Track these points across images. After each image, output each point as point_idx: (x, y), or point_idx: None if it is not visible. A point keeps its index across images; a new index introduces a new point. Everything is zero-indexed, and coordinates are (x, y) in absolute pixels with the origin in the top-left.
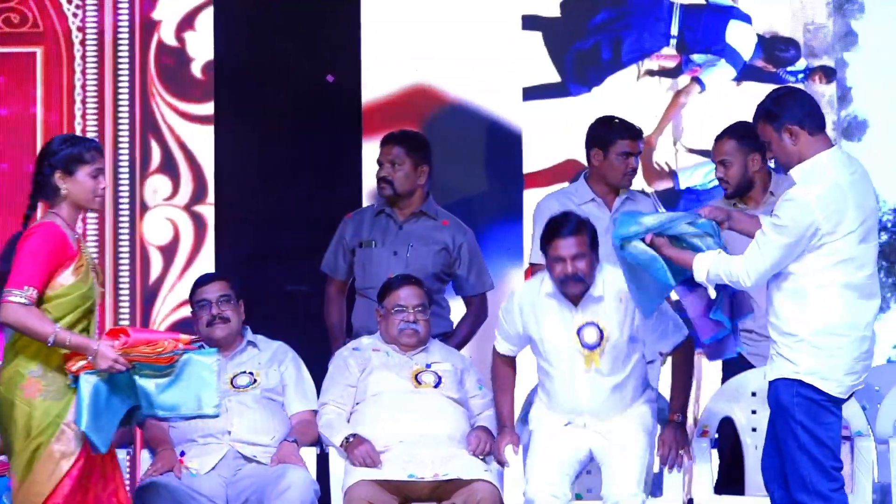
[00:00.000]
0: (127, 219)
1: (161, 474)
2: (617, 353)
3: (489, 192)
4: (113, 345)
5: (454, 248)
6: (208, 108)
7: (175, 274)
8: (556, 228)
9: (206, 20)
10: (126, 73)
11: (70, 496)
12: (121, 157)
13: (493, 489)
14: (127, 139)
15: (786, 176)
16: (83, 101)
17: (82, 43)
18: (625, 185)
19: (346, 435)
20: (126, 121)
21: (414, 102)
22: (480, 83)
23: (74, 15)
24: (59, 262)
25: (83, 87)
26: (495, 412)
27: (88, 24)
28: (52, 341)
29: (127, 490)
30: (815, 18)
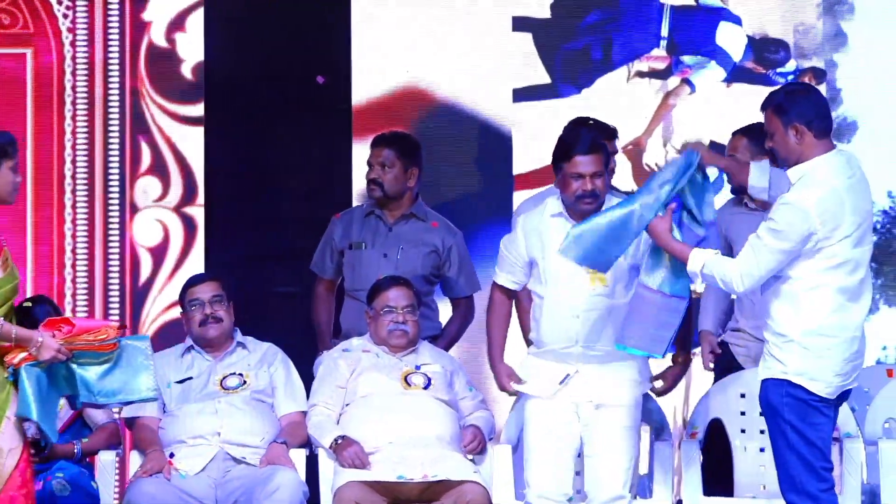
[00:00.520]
0: (117, 220)
1: (150, 475)
2: (619, 276)
3: (479, 193)
4: (54, 335)
5: (444, 249)
6: (198, 110)
7: (165, 275)
8: (574, 144)
9: (196, 21)
10: (116, 74)
11: (21, 488)
12: (111, 158)
13: (482, 490)
14: (117, 140)
15: (783, 173)
16: (73, 102)
17: (72, 44)
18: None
19: (335, 436)
20: (116, 122)
21: (404, 103)
22: (470, 84)
23: (65, 16)
24: None
25: (73, 87)
26: (488, 343)
27: (79, 26)
28: None
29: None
30: (805, 20)
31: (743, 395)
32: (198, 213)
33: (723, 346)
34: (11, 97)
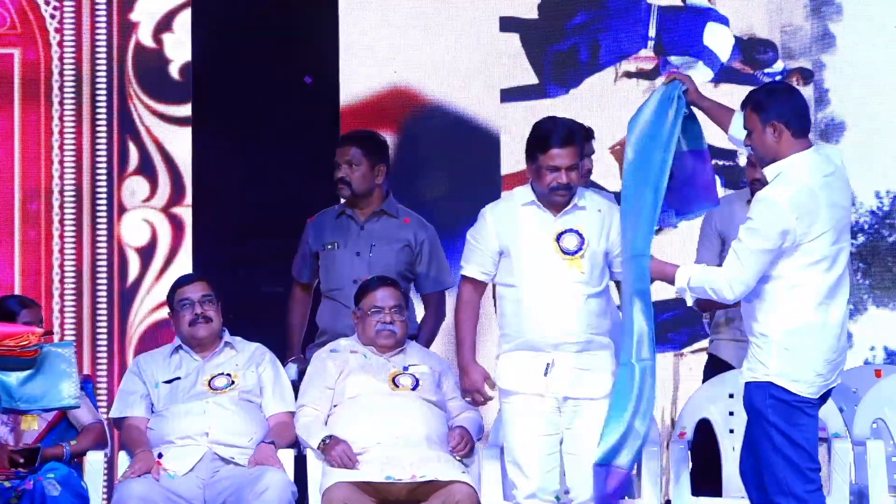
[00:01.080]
0: (104, 220)
1: (139, 476)
2: (595, 263)
3: (467, 194)
4: None
5: (416, 244)
6: (186, 110)
7: (153, 276)
8: (549, 136)
9: (183, 22)
10: (104, 74)
11: None
12: (98, 159)
13: (470, 491)
14: (104, 141)
15: None
16: (61, 103)
17: (60, 44)
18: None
19: (323, 437)
20: (104, 122)
21: (392, 104)
22: (458, 85)
23: (52, 16)
24: None
25: (61, 88)
26: (457, 341)
27: (66, 26)
28: None
29: None
30: (793, 20)
31: (731, 396)
32: (185, 213)
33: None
34: None
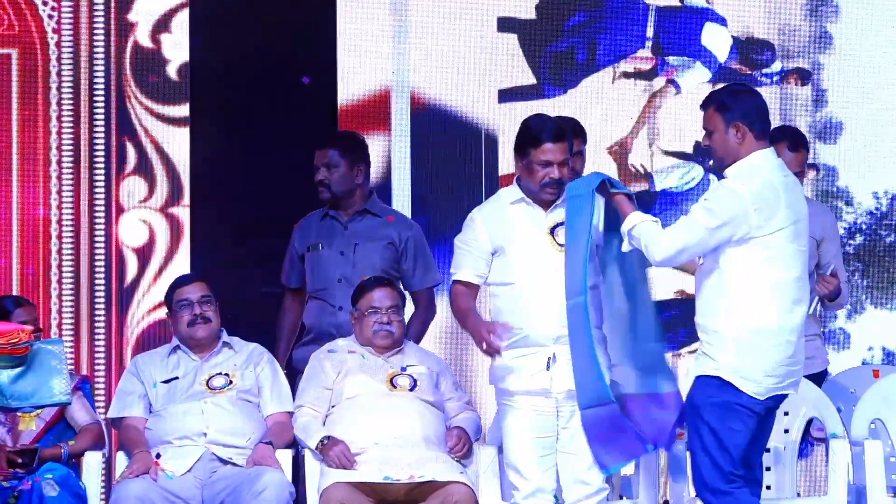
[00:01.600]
0: (102, 221)
1: (137, 476)
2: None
3: (465, 194)
4: None
5: (400, 242)
6: (184, 110)
7: (150, 276)
8: (542, 131)
9: (181, 22)
10: (101, 74)
11: None
12: (96, 159)
13: (468, 491)
14: (102, 141)
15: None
16: (59, 103)
17: (58, 45)
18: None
19: (321, 437)
20: (101, 122)
21: (389, 104)
22: (456, 85)
23: (50, 17)
24: None
25: (59, 88)
26: (462, 320)
27: (64, 26)
28: None
29: None
30: (791, 21)
31: None
32: (183, 213)
33: None
34: None
